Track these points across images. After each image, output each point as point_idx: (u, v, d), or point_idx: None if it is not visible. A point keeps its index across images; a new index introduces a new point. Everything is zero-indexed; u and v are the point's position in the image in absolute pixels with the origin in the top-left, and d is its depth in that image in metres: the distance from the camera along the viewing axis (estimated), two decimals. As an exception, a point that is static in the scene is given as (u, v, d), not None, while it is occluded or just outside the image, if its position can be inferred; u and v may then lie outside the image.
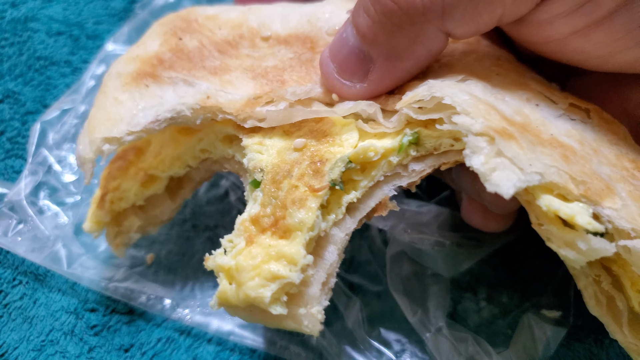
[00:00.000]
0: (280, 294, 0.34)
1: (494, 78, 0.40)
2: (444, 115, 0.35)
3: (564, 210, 0.31)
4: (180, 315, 0.50)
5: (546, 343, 0.46)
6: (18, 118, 0.65)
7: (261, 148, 0.39)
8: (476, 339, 0.46)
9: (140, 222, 0.51)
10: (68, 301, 0.52)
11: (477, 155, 0.33)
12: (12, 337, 0.49)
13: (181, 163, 0.48)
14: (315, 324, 0.35)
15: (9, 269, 0.54)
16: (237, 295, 0.34)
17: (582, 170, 0.34)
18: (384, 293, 0.51)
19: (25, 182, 0.55)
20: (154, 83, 0.44)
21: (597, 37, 0.35)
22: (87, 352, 0.49)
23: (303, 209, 0.35)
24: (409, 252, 0.51)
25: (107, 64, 0.67)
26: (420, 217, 0.51)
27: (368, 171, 0.38)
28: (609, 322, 0.37)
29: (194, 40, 0.47)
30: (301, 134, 0.39)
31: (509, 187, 0.31)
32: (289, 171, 0.37)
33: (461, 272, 0.51)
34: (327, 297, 0.37)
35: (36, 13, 0.74)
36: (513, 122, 0.35)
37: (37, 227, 0.53)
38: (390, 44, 0.36)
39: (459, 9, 0.34)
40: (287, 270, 0.33)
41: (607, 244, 0.30)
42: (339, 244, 0.37)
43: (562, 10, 0.34)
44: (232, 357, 0.49)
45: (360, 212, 0.38)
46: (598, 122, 0.39)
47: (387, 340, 0.49)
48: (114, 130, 0.41)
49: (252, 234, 0.36)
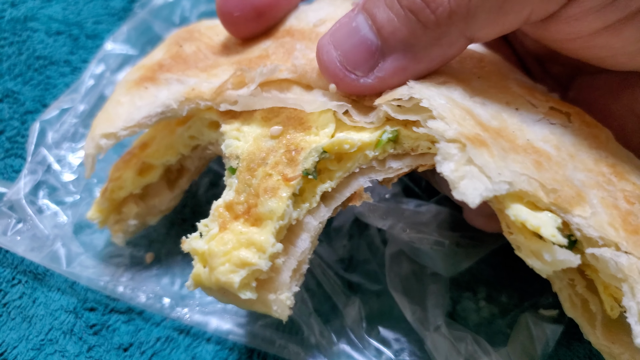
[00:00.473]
0: (250, 280, 0.35)
1: (475, 81, 0.40)
2: (420, 118, 0.35)
3: (530, 221, 0.32)
4: (179, 314, 0.50)
5: (545, 342, 0.46)
6: (17, 117, 0.65)
7: (239, 134, 0.40)
8: (475, 338, 0.46)
9: (138, 209, 0.52)
10: (67, 300, 0.52)
11: (448, 162, 0.33)
12: (11, 336, 0.49)
13: (173, 151, 0.50)
14: (284, 310, 0.36)
15: (8, 268, 0.54)
16: (210, 279, 0.35)
17: (554, 177, 0.34)
18: (383, 292, 0.51)
19: (24, 181, 0.55)
20: (152, 85, 0.46)
21: (628, 32, 0.34)
22: (87, 351, 0.49)
23: (275, 198, 0.35)
24: (408, 251, 0.51)
25: (106, 63, 0.67)
26: (420, 216, 0.51)
27: (344, 162, 0.38)
28: (583, 323, 0.37)
29: (192, 46, 0.50)
30: (279, 120, 0.39)
31: (475, 196, 0.31)
32: (264, 159, 0.37)
33: (460, 272, 0.51)
34: (299, 283, 0.38)
35: (35, 13, 0.74)
36: (488, 127, 0.35)
37: (36, 226, 0.53)
38: (409, 41, 0.35)
39: (483, 9, 0.33)
40: (256, 258, 0.34)
41: (572, 255, 0.31)
42: (312, 232, 0.38)
43: (595, 4, 0.33)
44: (231, 357, 0.49)
45: (335, 201, 0.39)
46: (579, 125, 0.39)
47: (386, 339, 0.49)
48: (111, 126, 0.45)
49: (225, 220, 0.36)
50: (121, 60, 0.68)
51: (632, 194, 0.36)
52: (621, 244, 0.33)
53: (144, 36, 0.70)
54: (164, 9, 0.72)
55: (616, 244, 0.33)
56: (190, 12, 0.74)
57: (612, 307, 0.36)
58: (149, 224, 0.54)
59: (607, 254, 0.32)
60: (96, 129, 0.46)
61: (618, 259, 0.32)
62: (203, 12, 0.74)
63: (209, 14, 0.74)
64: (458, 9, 0.33)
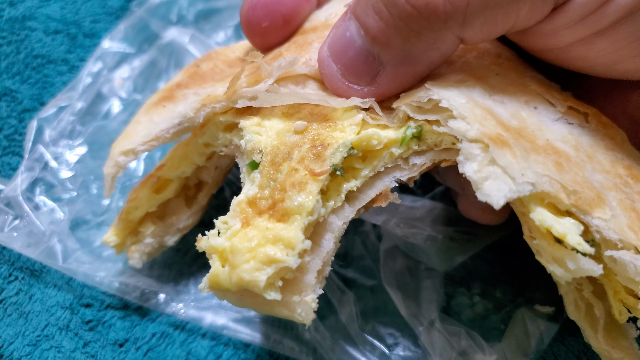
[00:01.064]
0: (276, 279, 0.33)
1: (493, 78, 0.40)
2: (440, 117, 0.35)
3: (556, 227, 0.31)
4: (175, 309, 0.50)
5: (539, 338, 0.46)
6: (15, 116, 0.65)
7: (259, 129, 0.38)
8: (469, 333, 0.46)
9: (155, 227, 0.50)
10: (63, 296, 0.52)
11: (471, 162, 0.33)
12: (8, 332, 0.50)
13: (188, 161, 0.48)
14: (309, 313, 0.34)
15: (5, 264, 0.54)
16: (230, 278, 0.33)
17: (575, 179, 0.34)
18: (378, 287, 0.51)
19: (21, 178, 0.56)
20: (170, 103, 0.46)
21: (600, 46, 0.35)
22: (82, 347, 0.49)
23: (303, 193, 0.34)
24: (403, 246, 0.51)
25: (103, 61, 0.67)
26: (414, 211, 0.51)
27: (369, 160, 0.37)
28: (585, 327, 0.38)
29: (209, 64, 0.50)
30: (301, 116, 0.38)
31: (499, 197, 0.31)
32: (288, 154, 0.36)
33: (455, 267, 0.51)
34: (321, 285, 0.36)
35: (34, 12, 0.74)
36: (509, 127, 0.35)
37: (32, 222, 0.53)
38: (405, 48, 0.35)
39: (479, 18, 0.33)
40: (284, 255, 0.32)
41: (595, 265, 0.31)
42: (336, 232, 0.36)
43: (567, 21, 0.34)
44: (226, 352, 0.49)
45: (359, 201, 0.37)
46: (596, 126, 0.39)
47: (381, 334, 0.49)
48: (129, 144, 0.45)
49: (248, 215, 0.34)
50: (118, 58, 0.68)
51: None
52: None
53: (141, 34, 0.71)
54: (161, 7, 0.72)
55: (635, 247, 0.33)
56: (187, 10, 0.74)
57: (620, 312, 0.36)
58: (168, 244, 0.51)
59: (626, 257, 0.32)
60: (115, 148, 0.46)
61: (637, 262, 0.32)
62: (200, 10, 0.74)
63: (206, 13, 0.75)
64: (454, 14, 0.32)
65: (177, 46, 0.70)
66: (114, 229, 0.49)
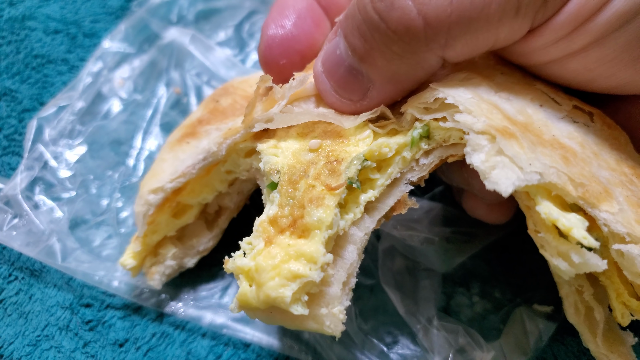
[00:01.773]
0: (301, 293, 0.34)
1: (499, 77, 0.40)
2: (447, 114, 0.36)
3: (562, 221, 0.31)
4: (174, 308, 0.50)
5: (538, 337, 0.46)
6: (15, 116, 0.65)
7: (276, 151, 0.40)
8: (467, 331, 0.46)
9: (176, 250, 0.51)
10: (63, 296, 0.52)
11: (478, 153, 0.33)
12: (8, 332, 0.50)
13: (210, 188, 0.49)
14: (338, 324, 0.34)
15: (5, 264, 0.54)
16: (258, 297, 0.34)
17: (582, 172, 0.34)
18: (377, 287, 0.51)
19: (21, 177, 0.56)
20: (193, 139, 0.48)
21: (573, 67, 0.36)
22: (82, 347, 0.49)
23: (321, 208, 0.35)
24: (400, 248, 0.51)
25: (103, 61, 0.67)
26: (412, 212, 0.51)
27: (384, 169, 0.38)
28: (584, 330, 0.38)
29: (228, 99, 0.51)
30: (315, 135, 0.39)
31: (507, 185, 0.31)
32: (305, 171, 0.37)
33: (454, 267, 0.51)
34: (348, 297, 0.37)
35: (34, 11, 0.74)
36: (515, 121, 0.36)
37: (32, 221, 0.53)
38: (390, 69, 0.36)
39: (460, 41, 0.34)
40: (307, 269, 0.33)
41: (599, 260, 0.31)
42: (358, 244, 0.37)
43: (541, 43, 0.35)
44: (226, 352, 0.49)
45: (379, 211, 0.38)
46: (600, 126, 0.39)
47: (379, 333, 0.49)
48: (157, 182, 0.46)
49: (270, 234, 0.36)
50: (119, 58, 0.68)
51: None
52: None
53: (141, 34, 0.71)
54: (161, 7, 0.72)
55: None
56: (188, 10, 0.74)
57: (623, 315, 0.36)
58: (187, 266, 0.52)
59: (635, 251, 0.32)
60: (144, 187, 0.47)
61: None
62: (200, 10, 0.75)
63: (206, 13, 0.75)
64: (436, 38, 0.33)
65: (178, 46, 0.70)
66: (131, 252, 0.49)
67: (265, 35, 0.42)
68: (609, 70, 0.35)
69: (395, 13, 0.33)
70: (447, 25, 0.33)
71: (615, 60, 0.34)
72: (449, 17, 0.32)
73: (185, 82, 0.69)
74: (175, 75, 0.69)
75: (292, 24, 0.42)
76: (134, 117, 0.65)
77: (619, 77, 0.35)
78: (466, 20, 0.32)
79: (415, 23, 0.32)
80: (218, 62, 0.69)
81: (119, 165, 0.61)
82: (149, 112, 0.66)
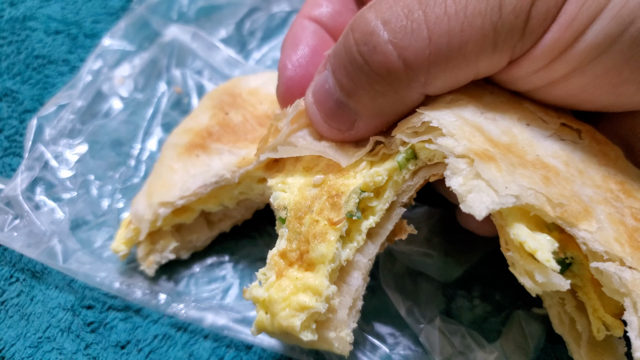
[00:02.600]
0: (310, 322, 0.37)
1: (487, 97, 0.41)
2: (432, 136, 0.37)
3: (529, 243, 0.33)
4: (175, 310, 0.50)
5: (537, 339, 0.46)
6: (16, 116, 0.65)
7: (284, 187, 0.42)
8: (468, 332, 0.46)
9: (177, 244, 0.53)
10: (65, 298, 0.52)
11: (457, 176, 0.35)
12: (9, 334, 0.49)
13: (216, 201, 0.52)
14: (345, 346, 0.38)
15: (6, 266, 0.54)
16: (272, 324, 0.37)
17: (562, 192, 0.35)
18: (378, 288, 0.50)
19: (21, 177, 0.55)
20: (203, 153, 0.50)
21: (555, 93, 0.37)
22: (84, 349, 0.49)
23: (324, 243, 0.37)
24: (401, 258, 0.51)
25: (104, 59, 0.67)
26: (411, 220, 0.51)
27: (381, 194, 0.40)
28: (570, 341, 0.39)
29: (238, 115, 0.53)
30: (319, 169, 0.41)
31: (481, 209, 0.33)
32: (309, 207, 0.39)
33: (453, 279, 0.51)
34: (356, 319, 0.40)
35: (34, 12, 0.74)
36: (497, 143, 0.37)
37: (33, 222, 0.53)
38: (374, 105, 0.37)
39: (440, 78, 0.35)
40: (313, 301, 0.36)
41: (563, 280, 0.32)
42: (362, 269, 0.39)
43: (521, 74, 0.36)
44: (228, 354, 0.48)
45: (380, 236, 0.40)
46: (589, 142, 0.40)
47: (381, 334, 0.49)
48: (169, 195, 0.48)
49: (281, 267, 0.38)
50: (119, 56, 0.68)
51: (639, 211, 0.37)
52: (626, 259, 0.33)
53: (141, 32, 0.70)
54: (161, 5, 0.72)
55: (621, 258, 0.33)
56: (188, 7, 0.73)
57: (598, 330, 0.37)
58: (182, 258, 0.54)
59: (611, 269, 0.33)
60: (154, 196, 0.49)
61: (622, 273, 0.33)
62: (201, 7, 0.74)
63: (207, 10, 0.74)
64: (416, 77, 0.35)
65: (179, 44, 0.70)
66: (123, 239, 0.51)
67: (283, 77, 0.44)
68: (591, 96, 0.36)
69: (378, 57, 0.34)
70: (427, 66, 0.34)
71: (596, 87, 0.35)
72: (427, 59, 0.34)
73: (186, 82, 0.69)
74: (176, 73, 0.69)
75: (307, 62, 0.44)
76: (134, 116, 0.65)
77: (601, 100, 0.37)
78: (444, 60, 0.34)
79: (396, 66, 0.34)
80: (221, 60, 0.69)
81: (119, 166, 0.61)
82: (149, 112, 0.66)
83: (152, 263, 0.51)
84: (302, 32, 0.45)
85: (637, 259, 0.34)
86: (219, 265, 0.54)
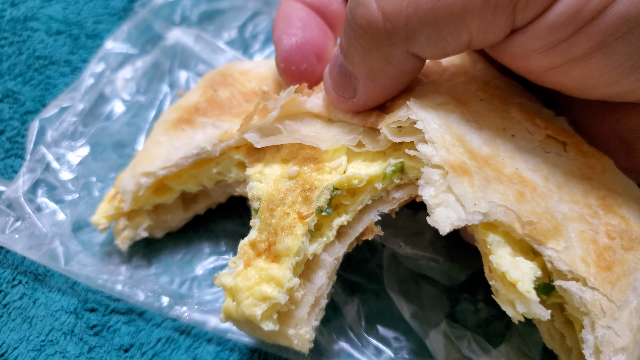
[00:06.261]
0: (271, 312, 0.37)
1: (477, 103, 0.41)
2: (415, 139, 0.37)
3: (510, 273, 0.33)
4: (178, 312, 0.50)
5: (541, 342, 0.46)
6: (17, 117, 0.65)
7: (261, 177, 0.43)
8: (473, 337, 0.46)
9: (151, 223, 0.53)
10: (68, 301, 0.52)
11: (429, 187, 0.35)
12: (12, 337, 0.49)
13: (196, 181, 0.52)
14: (304, 343, 0.39)
15: (9, 268, 0.54)
16: (237, 312, 0.38)
17: (534, 209, 0.35)
18: (382, 292, 0.51)
19: (23, 179, 0.55)
20: (189, 127, 0.50)
21: (574, 74, 0.34)
22: (87, 352, 0.48)
23: (291, 236, 0.38)
24: (406, 262, 0.51)
25: (106, 62, 0.67)
26: (414, 225, 0.51)
27: (357, 196, 0.40)
28: (561, 355, 0.39)
29: (226, 92, 0.54)
30: (297, 161, 0.42)
31: (446, 225, 0.33)
32: (282, 199, 0.40)
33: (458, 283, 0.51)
34: (318, 317, 0.41)
35: (36, 12, 0.73)
36: (477, 155, 0.37)
37: (34, 224, 0.53)
38: (365, 64, 0.37)
39: (423, 33, 0.34)
40: (275, 292, 0.37)
41: (543, 310, 0.32)
42: (328, 268, 0.40)
43: (537, 47, 0.33)
44: (232, 357, 0.49)
45: (349, 236, 0.41)
46: (574, 155, 0.40)
47: (386, 338, 0.49)
48: (151, 166, 0.49)
49: (249, 257, 0.39)
50: (121, 59, 0.68)
51: (615, 228, 0.37)
52: (589, 279, 0.34)
53: (144, 35, 0.70)
54: (164, 8, 0.72)
55: (584, 279, 0.34)
56: (191, 11, 0.73)
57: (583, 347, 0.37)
58: (156, 236, 0.55)
59: (573, 288, 0.34)
60: (137, 167, 0.49)
61: (583, 293, 0.33)
62: (204, 11, 0.74)
63: (210, 14, 0.74)
64: (395, 30, 0.34)
65: (182, 48, 0.70)
66: (105, 214, 0.51)
67: (281, 47, 0.44)
68: (612, 78, 0.33)
69: (359, 9, 0.35)
70: (405, 18, 0.33)
71: (619, 68, 0.32)
72: (405, 9, 0.33)
73: (189, 84, 0.69)
74: (178, 76, 0.69)
75: (301, 31, 0.44)
76: (136, 118, 0.65)
77: (621, 85, 0.34)
78: (423, 13, 0.32)
79: (374, 17, 0.34)
80: (224, 62, 0.69)
81: (121, 168, 0.61)
82: (151, 114, 0.66)
83: (126, 239, 0.52)
84: (291, 10, 0.46)
85: (601, 279, 0.34)
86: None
